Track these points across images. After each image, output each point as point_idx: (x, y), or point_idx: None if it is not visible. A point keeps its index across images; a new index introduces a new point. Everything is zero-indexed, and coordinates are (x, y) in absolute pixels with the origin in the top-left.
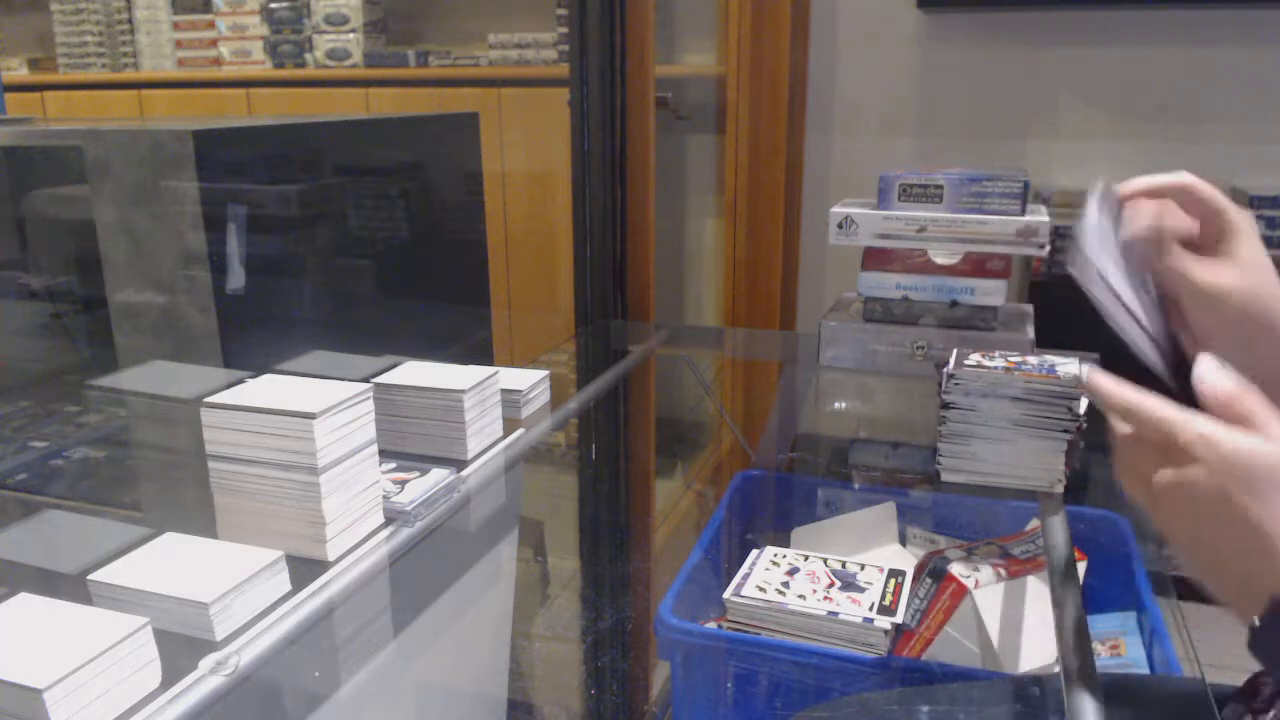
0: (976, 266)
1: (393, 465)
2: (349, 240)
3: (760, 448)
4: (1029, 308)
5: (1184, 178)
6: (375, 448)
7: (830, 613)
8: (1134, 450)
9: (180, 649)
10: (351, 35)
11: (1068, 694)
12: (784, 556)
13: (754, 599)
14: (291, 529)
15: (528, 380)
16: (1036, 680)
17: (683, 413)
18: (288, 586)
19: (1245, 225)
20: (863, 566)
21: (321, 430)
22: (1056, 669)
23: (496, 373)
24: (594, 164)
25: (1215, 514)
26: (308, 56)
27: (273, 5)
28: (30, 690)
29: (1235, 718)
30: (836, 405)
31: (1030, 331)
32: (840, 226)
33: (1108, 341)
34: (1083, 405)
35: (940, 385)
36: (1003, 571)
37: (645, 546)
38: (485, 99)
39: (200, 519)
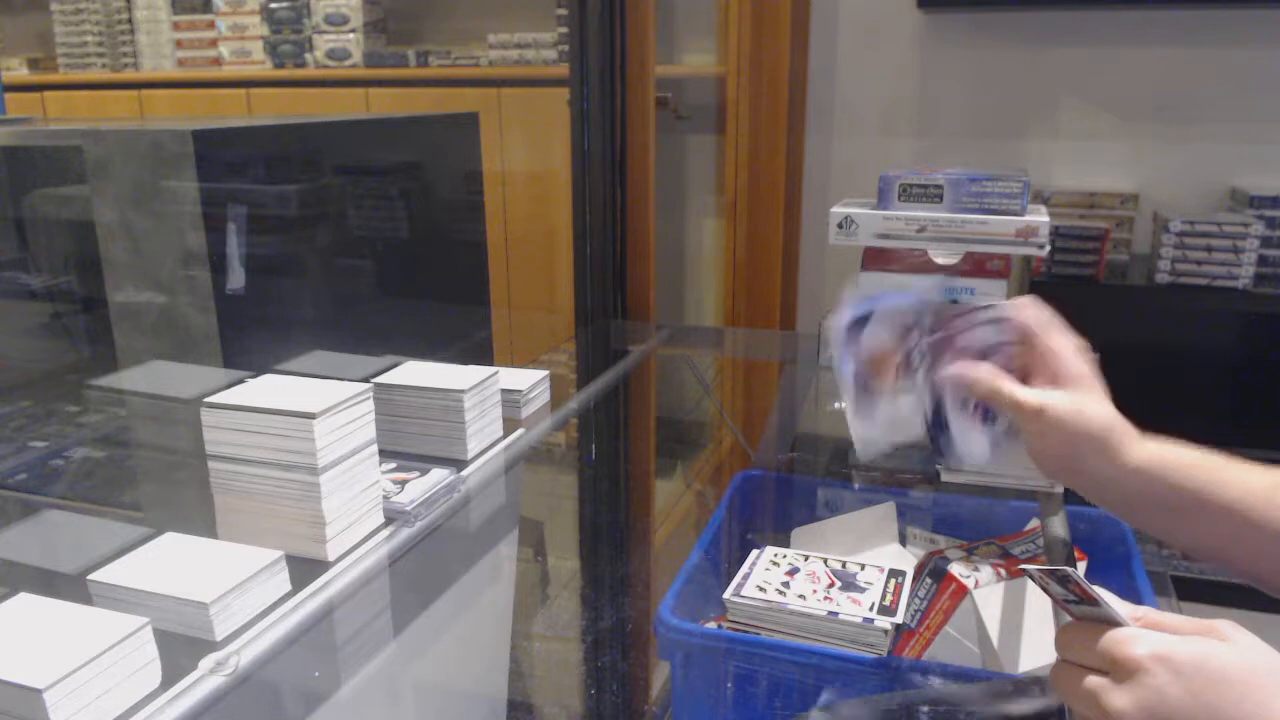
0: (976, 266)
1: (393, 465)
2: (349, 240)
3: (760, 448)
4: None
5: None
6: (375, 448)
7: (830, 613)
8: (1074, 672)
9: (180, 649)
10: (351, 35)
11: None
12: (784, 556)
13: (754, 599)
14: (291, 529)
15: (528, 380)
16: (1036, 680)
17: (683, 413)
18: (288, 586)
19: (1067, 350)
20: (863, 566)
21: (321, 430)
22: None
23: (496, 373)
24: (594, 164)
25: None
26: (308, 56)
27: (273, 5)
28: (30, 690)
29: None
30: (836, 405)
31: None
32: (840, 226)
33: (1106, 342)
34: None
35: None
36: (1003, 571)
37: (645, 546)
38: (485, 99)
39: (200, 519)
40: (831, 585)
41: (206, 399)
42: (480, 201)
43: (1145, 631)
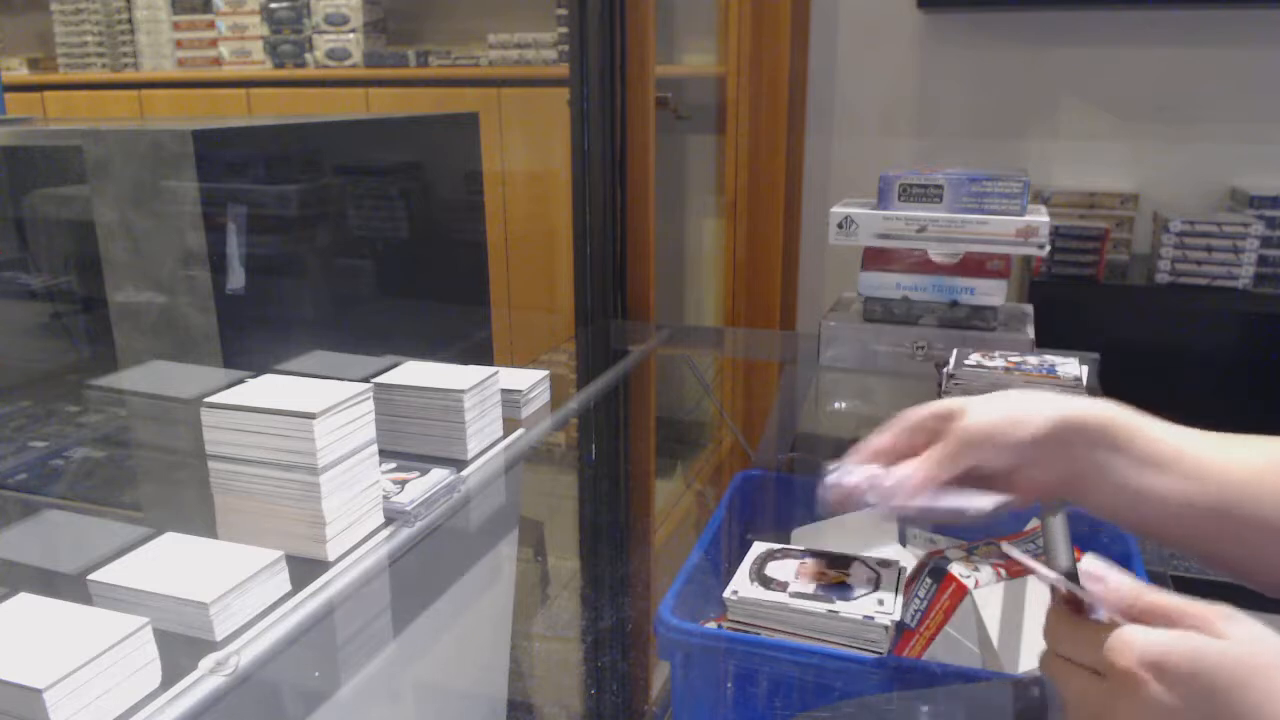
0: (976, 266)
1: (393, 465)
2: (349, 240)
3: (760, 448)
4: (1029, 308)
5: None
6: (375, 448)
7: (830, 610)
8: (1067, 668)
9: (180, 649)
10: (351, 35)
11: None
12: (783, 554)
13: (753, 597)
14: (291, 529)
15: (528, 380)
16: (1036, 680)
17: (683, 413)
18: (288, 586)
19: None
20: (861, 564)
21: (321, 430)
22: None
23: (496, 373)
24: (594, 164)
25: None
26: (308, 56)
27: (273, 5)
28: (30, 690)
29: None
30: (836, 405)
31: (1030, 331)
32: (840, 226)
33: (1106, 342)
34: None
35: (940, 385)
36: (1003, 571)
37: (645, 546)
38: (485, 99)
39: (200, 519)
40: (830, 583)
41: (206, 399)
42: (480, 201)
43: (1133, 637)
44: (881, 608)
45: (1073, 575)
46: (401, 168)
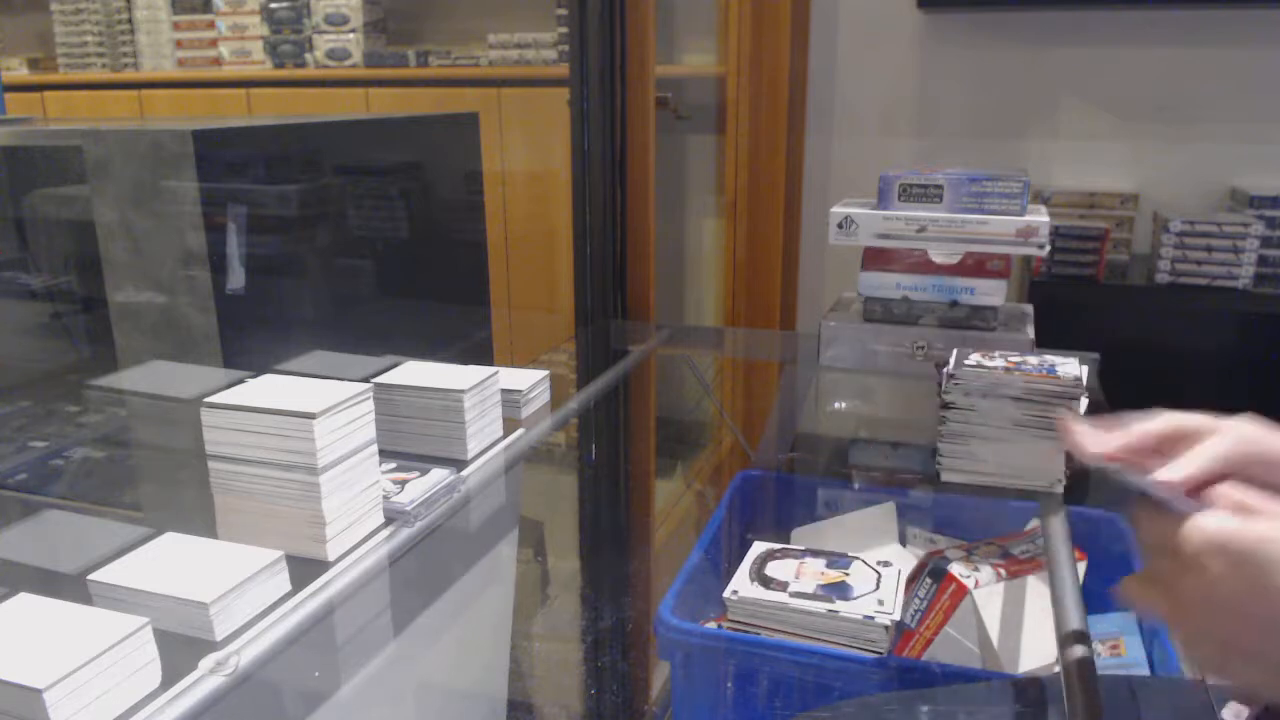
0: (976, 266)
1: (393, 465)
2: (349, 240)
3: (760, 448)
4: (1029, 308)
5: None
6: (375, 448)
7: (830, 610)
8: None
9: (180, 649)
10: (351, 35)
11: (1068, 694)
12: (783, 554)
13: (753, 597)
14: (291, 529)
15: (528, 380)
16: (1036, 680)
17: (683, 413)
18: (288, 586)
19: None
20: (861, 563)
21: (321, 430)
22: (1056, 669)
23: (496, 373)
24: (594, 164)
25: (1242, 613)
26: (308, 56)
27: (273, 5)
28: (30, 690)
29: (1235, 717)
30: (836, 405)
31: (1030, 331)
32: (840, 226)
33: (1106, 342)
34: (1083, 405)
35: (940, 385)
36: (1003, 571)
37: (645, 546)
38: (485, 99)
39: (200, 519)
40: (830, 583)
41: (206, 399)
42: (480, 201)
43: (1204, 522)
44: (881, 608)
45: None
46: (401, 168)
